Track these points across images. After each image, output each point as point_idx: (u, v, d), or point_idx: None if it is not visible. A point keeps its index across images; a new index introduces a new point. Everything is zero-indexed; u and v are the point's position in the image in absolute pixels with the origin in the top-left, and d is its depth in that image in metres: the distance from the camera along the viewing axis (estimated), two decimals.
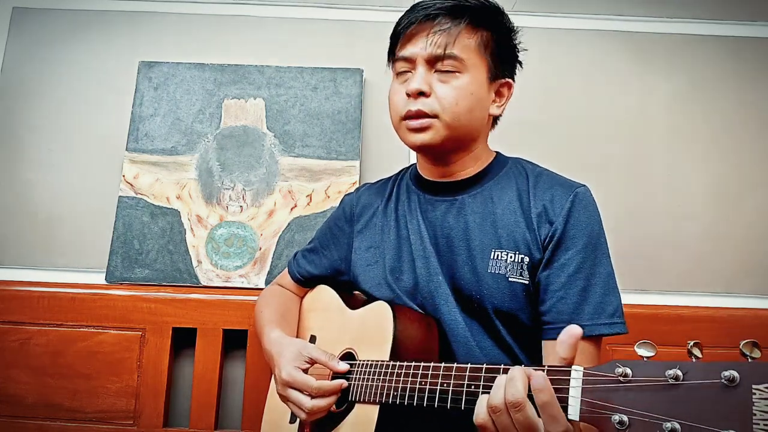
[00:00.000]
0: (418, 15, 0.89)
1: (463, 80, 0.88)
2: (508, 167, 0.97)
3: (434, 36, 0.87)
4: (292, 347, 0.93)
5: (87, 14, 1.64)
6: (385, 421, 0.81)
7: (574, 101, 1.59)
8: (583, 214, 0.86)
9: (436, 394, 0.72)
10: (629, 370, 0.51)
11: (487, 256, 0.89)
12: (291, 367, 0.89)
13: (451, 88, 0.88)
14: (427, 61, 0.89)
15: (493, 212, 0.91)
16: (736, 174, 1.55)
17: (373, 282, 1.01)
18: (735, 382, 0.45)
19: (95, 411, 1.36)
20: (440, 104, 0.88)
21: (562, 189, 0.89)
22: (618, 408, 0.51)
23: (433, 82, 0.88)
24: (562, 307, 0.83)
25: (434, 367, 0.74)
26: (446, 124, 0.88)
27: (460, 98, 0.88)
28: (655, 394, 0.49)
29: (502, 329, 0.88)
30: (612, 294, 0.84)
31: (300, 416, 0.88)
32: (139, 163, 1.52)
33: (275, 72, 1.57)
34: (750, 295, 1.49)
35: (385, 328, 0.86)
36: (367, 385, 0.84)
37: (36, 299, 1.40)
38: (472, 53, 0.89)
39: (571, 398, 0.55)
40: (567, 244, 0.85)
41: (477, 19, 0.89)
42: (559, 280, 0.84)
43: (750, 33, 1.62)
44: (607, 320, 0.82)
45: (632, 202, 1.54)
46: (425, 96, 0.88)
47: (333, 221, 1.15)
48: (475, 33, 0.89)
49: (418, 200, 1.00)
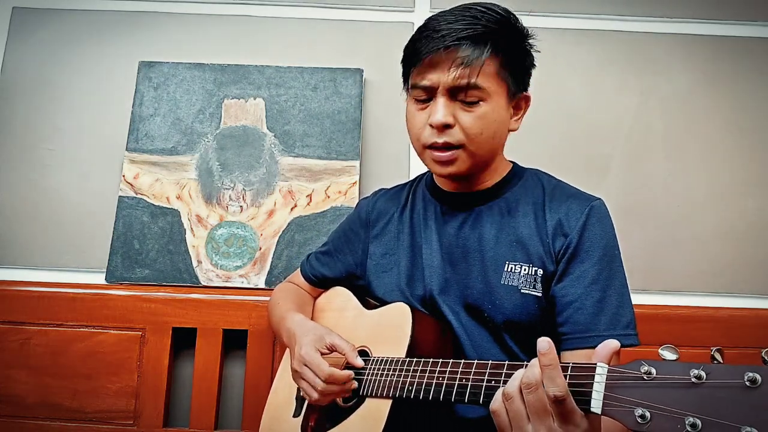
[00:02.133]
0: (438, 44, 0.84)
1: (486, 108, 0.86)
2: (525, 179, 0.97)
3: (457, 68, 0.83)
4: (317, 330, 0.94)
5: (87, 14, 1.64)
6: (396, 416, 0.81)
7: (574, 101, 1.59)
8: (598, 227, 0.87)
9: (453, 389, 0.72)
10: (654, 369, 0.52)
11: (501, 267, 0.89)
12: (310, 347, 0.90)
13: (475, 118, 0.86)
14: (448, 91, 0.86)
15: (509, 224, 0.92)
16: (736, 174, 1.55)
17: (386, 288, 1.01)
18: (757, 383, 0.46)
19: (95, 411, 1.36)
20: (465, 135, 0.86)
21: (577, 202, 0.89)
22: (641, 402, 0.52)
23: (456, 112, 0.86)
24: (578, 318, 0.83)
25: (453, 363, 0.75)
26: (471, 153, 0.88)
27: (484, 127, 0.87)
28: (677, 392, 0.50)
29: (512, 341, 0.89)
30: (626, 306, 0.85)
31: (311, 396, 0.88)
32: (139, 163, 1.52)
33: (275, 72, 1.57)
34: (750, 295, 1.49)
35: (403, 328, 0.87)
36: (380, 380, 0.84)
37: (36, 299, 1.40)
38: (493, 80, 0.86)
39: (594, 392, 0.56)
40: (582, 257, 0.85)
41: (497, 45, 0.86)
42: (576, 291, 0.85)
43: (750, 33, 1.62)
44: (621, 332, 0.82)
45: (632, 202, 1.54)
46: (450, 127, 0.86)
47: (348, 225, 1.15)
48: (495, 58, 0.86)
49: (434, 210, 1.00)
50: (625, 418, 0.52)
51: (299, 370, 0.91)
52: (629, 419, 0.52)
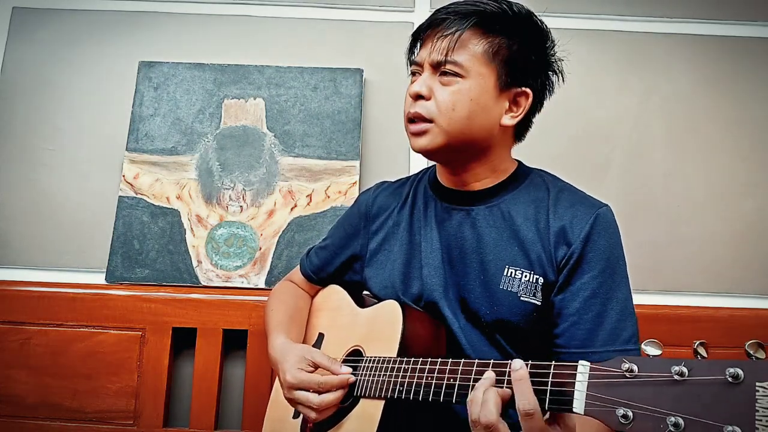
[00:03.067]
0: (427, 23, 0.89)
1: (463, 85, 0.86)
2: (529, 180, 0.94)
3: (438, 41, 0.86)
4: (295, 351, 0.93)
5: (87, 14, 1.64)
6: (388, 417, 0.81)
7: (574, 101, 1.59)
8: (603, 237, 0.84)
9: (441, 389, 0.72)
10: (635, 366, 0.52)
11: (500, 272, 0.87)
12: (295, 369, 0.89)
13: (449, 93, 0.86)
14: (431, 66, 0.88)
15: (510, 228, 0.89)
16: (735, 174, 1.55)
17: (381, 285, 1.01)
18: (739, 379, 0.45)
19: (95, 411, 1.36)
20: (437, 108, 0.86)
21: (583, 209, 0.86)
22: (623, 402, 0.51)
23: (434, 86, 0.87)
24: (575, 332, 0.82)
25: (441, 362, 0.75)
26: (442, 129, 0.87)
27: (457, 103, 0.86)
28: (660, 390, 0.50)
29: (507, 344, 0.88)
30: (628, 319, 0.83)
31: (310, 416, 0.87)
32: (139, 163, 1.52)
33: (275, 72, 1.57)
34: (750, 295, 1.49)
35: (394, 326, 0.87)
36: (372, 380, 0.84)
37: (36, 299, 1.40)
38: (478, 59, 0.86)
39: (576, 392, 0.56)
40: (584, 268, 0.83)
41: (488, 25, 0.86)
42: (574, 304, 0.83)
43: (750, 33, 1.62)
44: (620, 347, 0.81)
45: (632, 202, 1.54)
46: (425, 99, 0.87)
47: (347, 219, 1.14)
48: (484, 39, 0.86)
49: (435, 207, 0.98)
50: (608, 418, 0.52)
51: (291, 396, 0.89)
52: (612, 419, 0.51)
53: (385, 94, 1.60)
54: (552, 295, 0.85)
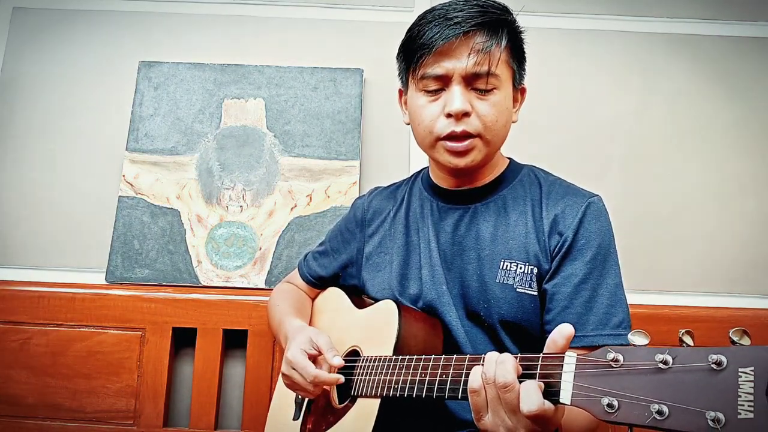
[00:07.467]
0: (454, 31, 0.82)
1: (499, 96, 0.86)
2: (522, 175, 0.96)
3: (476, 55, 0.82)
4: (306, 332, 0.95)
5: (87, 14, 1.64)
6: (385, 416, 0.81)
7: (574, 101, 1.59)
8: (593, 225, 0.85)
9: (434, 385, 0.72)
10: (621, 356, 0.52)
11: (497, 266, 0.88)
12: (298, 349, 0.91)
13: (490, 106, 0.85)
14: (464, 78, 0.84)
15: (505, 222, 0.91)
16: (736, 174, 1.55)
17: (379, 287, 1.01)
18: (722, 365, 0.46)
19: (95, 411, 1.36)
20: (482, 123, 0.85)
21: (574, 199, 0.88)
22: (608, 391, 0.52)
23: (471, 100, 0.85)
24: (565, 318, 0.82)
25: (435, 358, 0.75)
26: (487, 142, 0.87)
27: (499, 115, 0.86)
28: (644, 378, 0.50)
29: (507, 339, 0.88)
30: (619, 305, 0.83)
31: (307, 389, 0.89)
32: (139, 163, 1.52)
33: (275, 72, 1.57)
34: (750, 295, 1.49)
35: (390, 326, 0.87)
36: (369, 379, 0.84)
37: (36, 299, 1.40)
38: (505, 68, 0.87)
39: (563, 383, 0.56)
40: (575, 254, 0.84)
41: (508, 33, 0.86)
42: (565, 290, 0.84)
43: (750, 33, 1.62)
44: (611, 331, 0.81)
45: (632, 202, 1.54)
46: (467, 116, 0.85)
47: (344, 224, 1.15)
48: (507, 47, 0.86)
49: (431, 208, 0.99)
50: (593, 408, 0.52)
51: (287, 372, 0.91)
52: (597, 408, 0.52)
53: (385, 94, 1.60)
54: (544, 282, 0.86)
